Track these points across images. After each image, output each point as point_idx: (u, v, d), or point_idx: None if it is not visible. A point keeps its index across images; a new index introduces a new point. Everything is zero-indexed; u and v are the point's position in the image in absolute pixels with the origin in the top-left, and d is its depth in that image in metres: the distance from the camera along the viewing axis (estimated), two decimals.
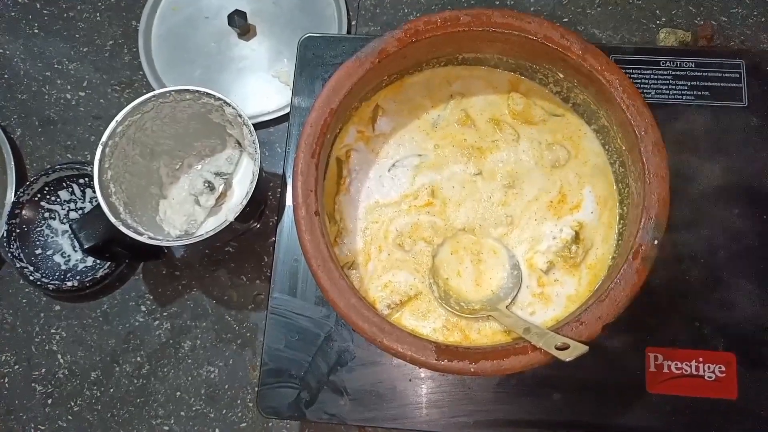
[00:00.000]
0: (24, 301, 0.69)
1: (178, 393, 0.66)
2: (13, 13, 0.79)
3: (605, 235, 0.51)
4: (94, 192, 0.69)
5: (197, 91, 0.57)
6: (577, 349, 0.38)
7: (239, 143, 0.65)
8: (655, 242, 0.43)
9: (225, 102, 0.56)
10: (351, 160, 0.53)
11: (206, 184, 0.64)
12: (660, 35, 0.69)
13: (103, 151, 0.55)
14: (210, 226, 0.64)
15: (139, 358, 0.67)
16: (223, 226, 0.54)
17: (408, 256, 0.51)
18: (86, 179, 0.69)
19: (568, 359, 0.38)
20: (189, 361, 0.66)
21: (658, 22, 0.71)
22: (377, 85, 0.53)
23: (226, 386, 0.66)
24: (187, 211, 0.64)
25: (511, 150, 0.53)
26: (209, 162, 0.66)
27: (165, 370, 0.66)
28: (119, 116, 0.55)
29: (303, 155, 0.46)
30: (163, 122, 0.60)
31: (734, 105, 0.60)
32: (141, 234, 0.54)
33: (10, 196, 0.69)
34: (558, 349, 0.39)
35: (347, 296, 0.44)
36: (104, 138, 0.55)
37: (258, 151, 0.55)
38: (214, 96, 0.57)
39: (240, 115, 0.56)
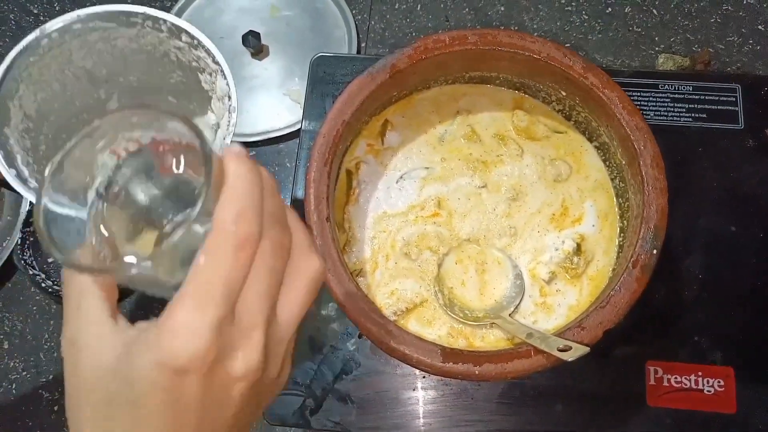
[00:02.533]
0: (35, 308, 0.70)
1: None
2: None
3: (606, 247, 0.52)
4: None
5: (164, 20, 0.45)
6: (579, 350, 0.39)
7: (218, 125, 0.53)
8: (654, 252, 0.45)
9: (222, 73, 0.47)
10: (360, 171, 0.55)
11: None
12: (659, 60, 0.72)
13: (36, 39, 0.43)
14: None
15: None
16: None
17: (414, 265, 0.52)
18: None
19: (570, 359, 0.39)
20: None
21: (656, 48, 0.74)
22: (387, 101, 0.55)
23: None
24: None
25: (515, 164, 0.55)
26: None
27: None
28: (84, 11, 0.44)
29: (316, 164, 0.48)
30: (142, 50, 0.49)
31: (731, 127, 0.62)
32: (10, 165, 0.40)
33: (26, 205, 0.70)
34: (560, 350, 0.40)
35: (356, 300, 0.45)
36: (48, 27, 0.43)
37: (230, 129, 0.46)
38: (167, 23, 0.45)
39: (230, 96, 0.47)
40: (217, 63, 0.46)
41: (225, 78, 0.46)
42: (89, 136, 0.25)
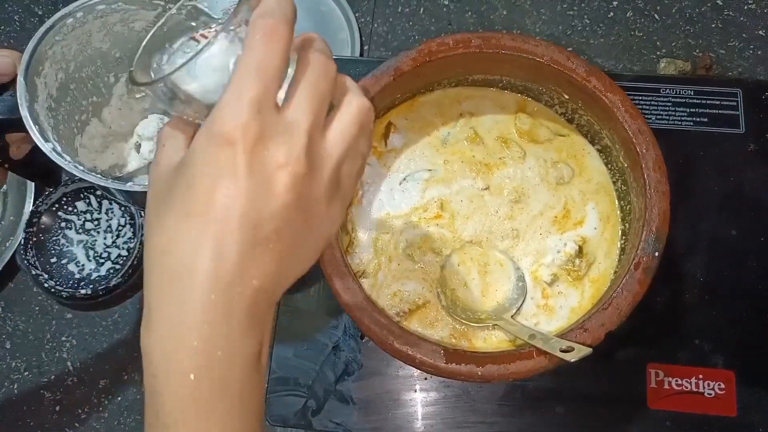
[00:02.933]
0: (36, 308, 0.70)
1: None
2: None
3: (608, 250, 0.52)
4: (110, 203, 0.71)
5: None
6: (581, 351, 0.39)
7: None
8: (656, 254, 0.45)
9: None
10: (364, 173, 0.55)
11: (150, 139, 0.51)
12: (660, 64, 0.72)
13: (61, 18, 0.43)
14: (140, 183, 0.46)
15: None
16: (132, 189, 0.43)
17: (417, 267, 0.53)
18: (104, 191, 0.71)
19: (573, 360, 0.39)
20: None
21: (658, 52, 0.74)
22: (391, 103, 0.56)
23: None
24: (120, 151, 0.52)
25: (518, 167, 0.55)
26: None
27: None
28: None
29: None
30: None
31: (732, 132, 0.63)
32: (46, 139, 0.41)
33: (29, 206, 0.71)
34: (563, 352, 0.40)
35: (360, 300, 0.45)
36: (72, 6, 0.44)
37: None
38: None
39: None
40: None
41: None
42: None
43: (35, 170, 0.47)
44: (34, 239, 0.69)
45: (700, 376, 0.56)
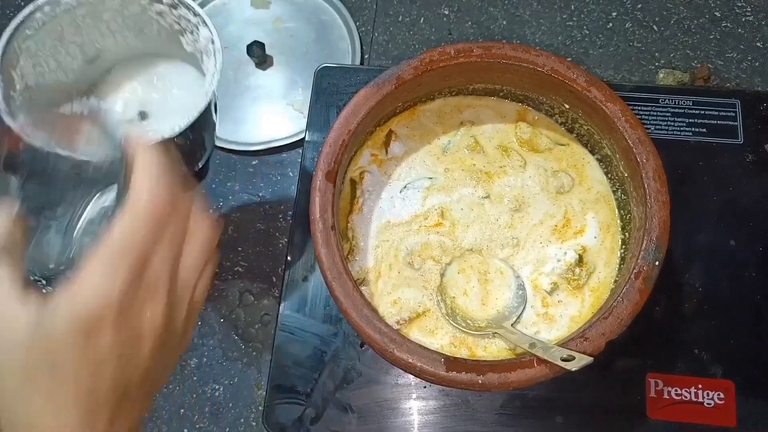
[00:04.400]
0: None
1: (182, 410, 0.66)
2: None
3: (608, 259, 0.52)
4: None
5: None
6: (582, 360, 0.39)
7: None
8: (657, 263, 0.45)
9: (203, 21, 0.47)
10: (364, 181, 0.55)
11: (140, 113, 0.50)
12: (659, 75, 0.73)
13: (31, 13, 0.44)
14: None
15: None
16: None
17: (417, 274, 0.53)
18: None
19: (574, 369, 0.39)
20: (195, 378, 0.67)
21: (657, 63, 0.75)
22: (392, 111, 0.56)
23: (230, 404, 0.66)
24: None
25: (518, 176, 0.55)
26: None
27: (170, 387, 0.67)
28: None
29: (321, 172, 0.48)
30: (125, 23, 0.50)
31: (731, 142, 0.63)
32: (16, 119, 0.40)
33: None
34: (563, 360, 0.40)
35: (360, 307, 0.45)
36: (40, 0, 0.45)
37: (215, 83, 0.45)
38: None
39: (213, 41, 0.46)
40: (197, 14, 0.47)
41: (206, 26, 0.47)
42: None
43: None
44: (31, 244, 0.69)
45: (700, 386, 0.56)
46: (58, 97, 0.49)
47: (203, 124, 0.45)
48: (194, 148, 0.51)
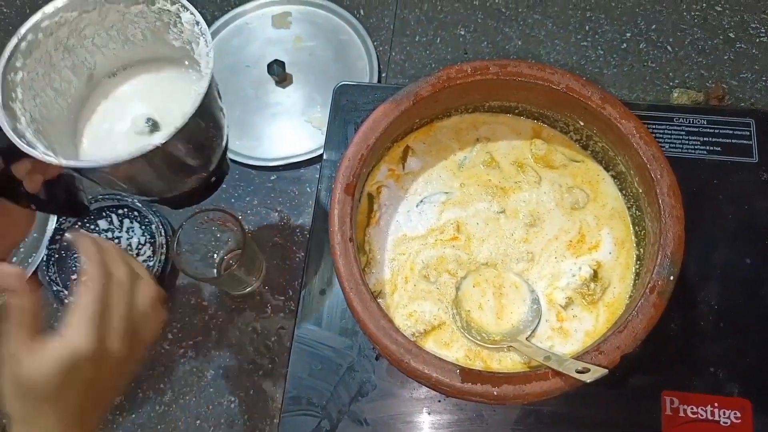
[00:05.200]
0: (56, 324, 0.71)
1: (198, 421, 0.67)
2: None
3: (622, 274, 0.53)
4: (131, 222, 0.72)
5: None
6: (597, 372, 0.39)
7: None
8: (672, 278, 0.46)
9: (182, 6, 0.46)
10: (382, 195, 0.56)
11: (148, 122, 0.49)
12: (673, 94, 0.73)
13: (17, 45, 0.43)
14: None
15: (162, 385, 0.68)
16: (147, 149, 0.40)
17: (433, 288, 0.53)
18: (125, 210, 0.73)
19: (589, 380, 0.39)
20: (211, 390, 0.68)
21: (671, 83, 0.76)
22: (409, 128, 0.57)
23: (246, 416, 0.67)
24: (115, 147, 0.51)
25: (533, 191, 0.56)
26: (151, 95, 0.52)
27: (187, 398, 0.68)
28: (48, 7, 0.44)
29: (340, 186, 0.49)
30: (109, 35, 0.49)
31: (745, 161, 0.63)
32: (47, 153, 0.41)
33: (53, 224, 0.72)
34: (578, 373, 0.40)
35: (377, 318, 0.46)
36: (22, 30, 0.44)
37: (210, 64, 0.44)
38: None
39: (197, 22, 0.45)
40: (174, 2, 0.46)
41: (187, 9, 0.46)
42: None
43: (58, 203, 0.49)
44: (56, 256, 0.71)
45: (716, 405, 0.55)
46: (64, 123, 0.49)
47: (211, 106, 0.45)
48: (210, 133, 0.49)
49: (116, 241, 0.72)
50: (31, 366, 0.39)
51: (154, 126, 0.49)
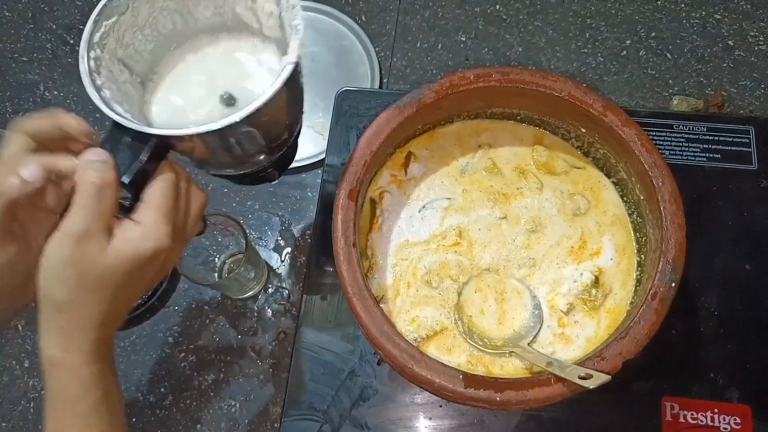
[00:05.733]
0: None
1: (199, 425, 0.67)
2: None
3: (624, 281, 0.53)
4: None
5: None
6: (599, 378, 0.40)
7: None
8: (673, 285, 0.46)
9: None
10: (384, 201, 0.56)
11: (224, 96, 0.47)
12: (673, 102, 0.74)
13: (88, 64, 0.40)
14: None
15: (163, 389, 0.68)
16: (235, 119, 0.37)
17: (435, 293, 0.53)
18: None
19: (591, 386, 0.39)
20: (211, 394, 0.68)
21: (671, 90, 0.76)
22: (412, 134, 0.57)
23: (246, 420, 0.67)
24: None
25: (535, 197, 0.56)
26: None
27: (187, 402, 0.68)
28: (90, 20, 0.41)
29: (344, 191, 0.49)
30: (144, 35, 0.46)
31: (745, 168, 0.64)
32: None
33: None
34: (581, 379, 0.41)
35: (380, 324, 0.46)
36: (82, 49, 0.41)
37: (300, 33, 0.40)
38: None
39: None
40: None
41: None
42: None
43: None
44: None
45: (716, 410, 0.56)
46: (135, 93, 0.46)
47: (298, 77, 0.42)
48: (297, 104, 0.47)
49: None
50: (105, 250, 0.35)
51: (229, 102, 0.47)
